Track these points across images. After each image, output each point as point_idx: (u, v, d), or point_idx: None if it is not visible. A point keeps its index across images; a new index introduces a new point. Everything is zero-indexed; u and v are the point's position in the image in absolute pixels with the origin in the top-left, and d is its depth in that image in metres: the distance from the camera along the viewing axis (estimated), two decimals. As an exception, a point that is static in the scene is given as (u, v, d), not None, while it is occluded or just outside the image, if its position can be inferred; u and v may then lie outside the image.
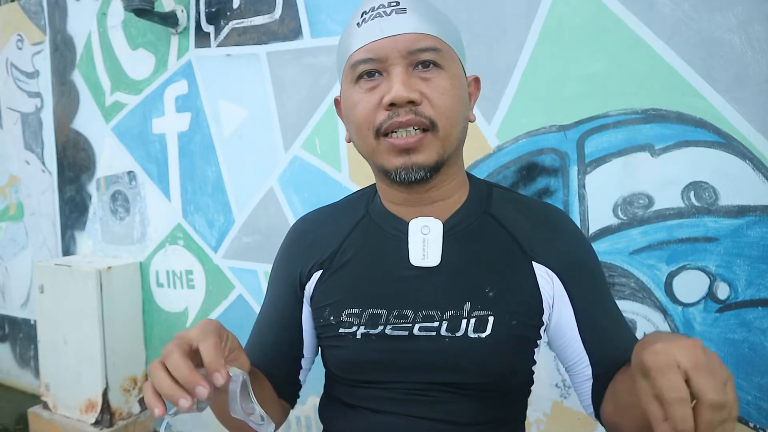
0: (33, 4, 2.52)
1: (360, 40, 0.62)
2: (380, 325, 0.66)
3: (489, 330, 0.63)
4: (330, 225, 0.75)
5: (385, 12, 0.62)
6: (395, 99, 0.59)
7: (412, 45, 0.60)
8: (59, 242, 2.55)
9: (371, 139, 0.62)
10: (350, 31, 0.65)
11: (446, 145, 0.63)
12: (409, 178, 0.62)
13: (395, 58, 0.60)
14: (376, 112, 0.61)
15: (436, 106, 0.61)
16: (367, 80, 0.62)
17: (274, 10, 1.83)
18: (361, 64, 0.62)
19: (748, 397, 1.25)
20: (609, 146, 1.35)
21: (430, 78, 0.61)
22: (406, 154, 0.61)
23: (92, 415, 2.13)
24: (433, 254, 0.65)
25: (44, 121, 2.55)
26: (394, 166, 0.62)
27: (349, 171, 1.75)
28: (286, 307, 0.74)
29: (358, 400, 0.69)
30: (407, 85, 0.59)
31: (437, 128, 0.61)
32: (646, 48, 1.29)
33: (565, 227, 0.70)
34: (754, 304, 1.23)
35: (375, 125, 0.61)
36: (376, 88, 0.61)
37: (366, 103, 0.62)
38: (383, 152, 0.62)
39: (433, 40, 0.61)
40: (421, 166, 0.61)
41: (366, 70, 0.62)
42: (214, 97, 2.00)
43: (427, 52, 0.60)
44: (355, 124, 0.64)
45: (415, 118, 0.59)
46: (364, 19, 0.63)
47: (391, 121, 0.60)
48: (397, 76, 0.60)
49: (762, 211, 1.21)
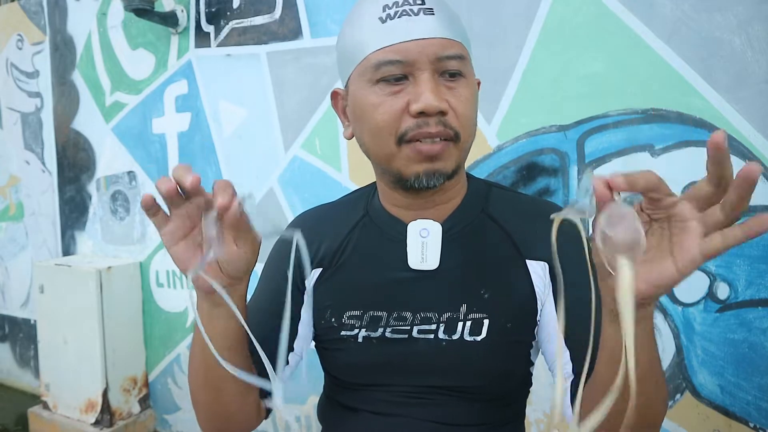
0: (33, 4, 2.52)
1: (384, 38, 0.59)
2: (380, 328, 0.66)
3: (484, 333, 0.63)
4: (330, 223, 0.74)
5: (412, 11, 0.59)
6: (427, 109, 0.57)
7: (441, 51, 0.58)
8: (59, 242, 2.55)
9: (391, 145, 0.60)
10: (369, 25, 0.61)
11: (463, 154, 0.63)
12: (428, 184, 0.61)
13: (423, 63, 0.58)
14: (401, 118, 0.59)
15: (461, 116, 0.60)
16: (391, 84, 0.59)
17: (274, 10, 1.83)
18: (386, 65, 0.59)
19: (748, 397, 1.25)
20: (609, 146, 1.35)
21: (456, 88, 0.60)
22: (429, 161, 0.60)
23: (92, 415, 2.13)
24: (432, 257, 0.65)
25: (44, 121, 2.55)
26: (415, 173, 0.60)
27: (349, 171, 1.75)
28: (282, 294, 0.68)
29: (358, 403, 0.69)
30: (438, 94, 0.58)
31: (460, 139, 0.60)
32: (646, 48, 1.29)
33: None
34: (754, 304, 1.23)
35: (399, 131, 0.59)
36: (401, 92, 0.59)
37: (389, 108, 0.59)
38: (404, 158, 0.60)
39: (458, 47, 0.60)
40: (442, 173, 0.60)
41: (392, 74, 0.59)
42: (214, 97, 2.00)
43: (454, 61, 0.59)
44: (372, 126, 0.61)
45: (444, 130, 0.58)
46: (388, 15, 0.59)
47: (420, 130, 0.58)
48: (426, 84, 0.57)
49: (762, 211, 1.21)
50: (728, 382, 1.26)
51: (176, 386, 2.23)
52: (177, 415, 2.24)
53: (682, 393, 1.32)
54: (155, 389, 2.30)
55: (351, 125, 0.67)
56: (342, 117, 0.69)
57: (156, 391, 2.30)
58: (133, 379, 2.24)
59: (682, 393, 1.32)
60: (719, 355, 1.27)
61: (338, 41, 0.67)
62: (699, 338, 1.30)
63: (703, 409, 1.30)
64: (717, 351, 1.28)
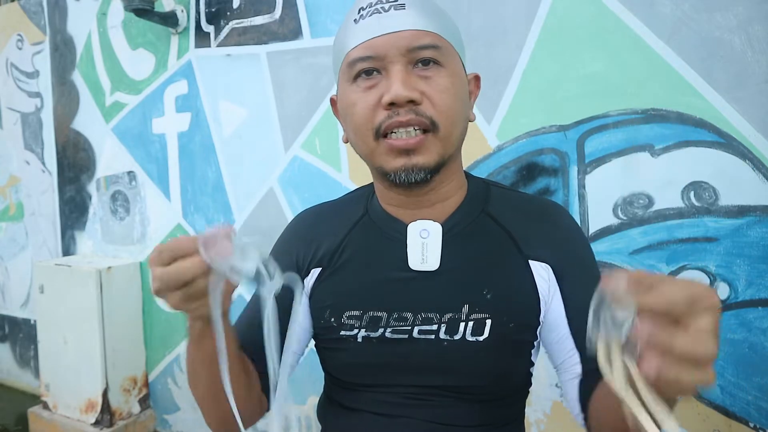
0: (33, 4, 2.52)
1: (357, 37, 0.61)
2: (380, 328, 0.66)
3: (487, 333, 0.63)
4: (329, 222, 0.74)
5: (383, 8, 0.60)
6: (395, 98, 0.57)
7: (411, 42, 0.59)
8: (59, 242, 2.55)
9: (370, 140, 0.61)
10: (347, 28, 0.63)
11: (447, 146, 0.61)
12: (408, 180, 0.60)
13: (394, 55, 0.59)
14: (375, 112, 0.60)
15: (436, 105, 0.59)
16: (365, 79, 0.61)
17: (274, 10, 1.83)
18: (359, 62, 0.60)
19: (748, 397, 1.24)
20: (609, 146, 1.35)
21: (431, 76, 0.60)
22: (406, 156, 0.60)
23: (92, 415, 2.13)
24: (432, 258, 0.65)
25: (44, 121, 2.55)
26: (393, 168, 0.60)
27: (349, 171, 1.75)
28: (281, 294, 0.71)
29: (358, 404, 0.69)
30: (407, 83, 0.58)
31: (438, 128, 0.59)
32: (646, 48, 1.29)
33: (562, 221, 0.69)
34: (754, 304, 1.23)
35: (374, 125, 0.60)
36: (375, 86, 0.60)
37: (364, 103, 0.60)
38: (382, 153, 0.61)
39: (432, 37, 0.60)
40: (422, 167, 0.60)
41: (364, 69, 0.60)
42: (214, 97, 2.00)
43: (427, 50, 0.59)
44: (353, 124, 0.62)
45: (415, 117, 0.58)
46: (361, 16, 0.61)
47: (390, 121, 0.58)
48: (396, 75, 0.58)
49: (762, 211, 1.21)
50: (728, 382, 1.26)
51: (176, 386, 2.23)
52: (177, 415, 2.24)
53: (682, 393, 1.32)
54: (155, 389, 2.30)
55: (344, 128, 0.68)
56: (340, 121, 0.70)
57: (156, 391, 2.30)
58: (133, 379, 2.24)
59: (682, 393, 1.32)
60: (719, 355, 1.27)
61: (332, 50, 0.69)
62: (699, 338, 1.29)
63: (703, 409, 1.30)
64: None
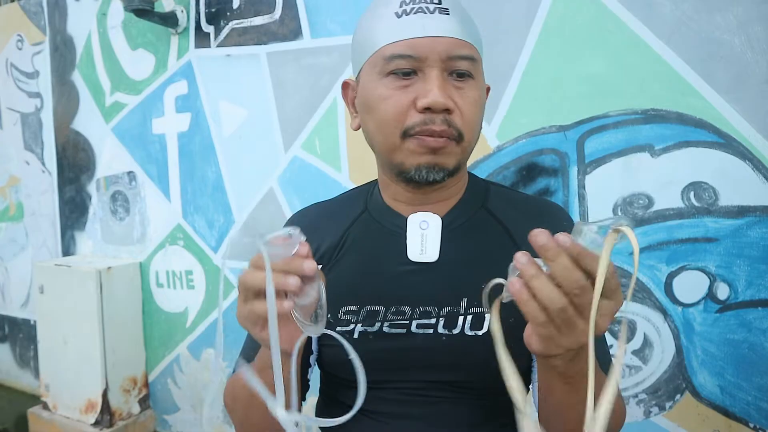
0: (33, 4, 2.52)
1: (398, 32, 0.60)
2: (378, 323, 0.65)
3: (486, 327, 0.63)
4: (329, 220, 0.74)
5: (428, 8, 0.60)
6: (432, 104, 0.58)
7: (451, 50, 0.59)
8: (59, 242, 2.55)
9: (395, 138, 0.61)
10: (384, 18, 0.62)
11: (465, 153, 0.64)
12: (428, 178, 0.61)
13: (434, 60, 0.59)
14: (408, 113, 0.60)
15: (465, 117, 0.60)
16: (400, 77, 0.61)
17: (274, 11, 1.83)
18: (398, 59, 0.60)
19: (748, 398, 1.24)
20: (609, 146, 1.35)
21: (463, 88, 0.61)
22: (432, 154, 0.61)
23: (92, 416, 2.13)
24: (432, 249, 0.65)
25: (44, 121, 2.55)
26: (416, 164, 0.61)
27: (348, 171, 1.75)
28: None
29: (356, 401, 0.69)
30: (444, 91, 0.59)
31: (463, 138, 0.61)
32: (646, 48, 1.29)
33: (560, 220, 0.70)
34: (754, 305, 1.23)
35: (404, 126, 0.60)
36: (410, 87, 0.60)
37: (397, 101, 0.60)
38: (407, 151, 0.61)
39: (470, 48, 0.61)
40: (443, 167, 0.61)
41: (402, 68, 0.60)
42: (214, 98, 2.00)
43: (464, 61, 0.60)
44: (378, 118, 0.62)
45: (448, 129, 0.59)
46: (404, 11, 0.61)
47: (424, 127, 0.59)
48: (434, 80, 0.59)
49: (762, 212, 1.21)
50: (728, 383, 1.26)
51: (176, 386, 2.23)
52: (177, 415, 2.24)
53: (682, 393, 1.32)
54: (155, 389, 2.30)
55: (359, 116, 0.68)
56: (350, 108, 0.70)
57: (156, 392, 2.30)
58: (133, 379, 2.24)
59: (682, 393, 1.32)
60: (719, 355, 1.27)
61: (354, 33, 0.68)
62: (699, 339, 1.30)
63: (703, 410, 1.30)
64: (717, 351, 1.28)
